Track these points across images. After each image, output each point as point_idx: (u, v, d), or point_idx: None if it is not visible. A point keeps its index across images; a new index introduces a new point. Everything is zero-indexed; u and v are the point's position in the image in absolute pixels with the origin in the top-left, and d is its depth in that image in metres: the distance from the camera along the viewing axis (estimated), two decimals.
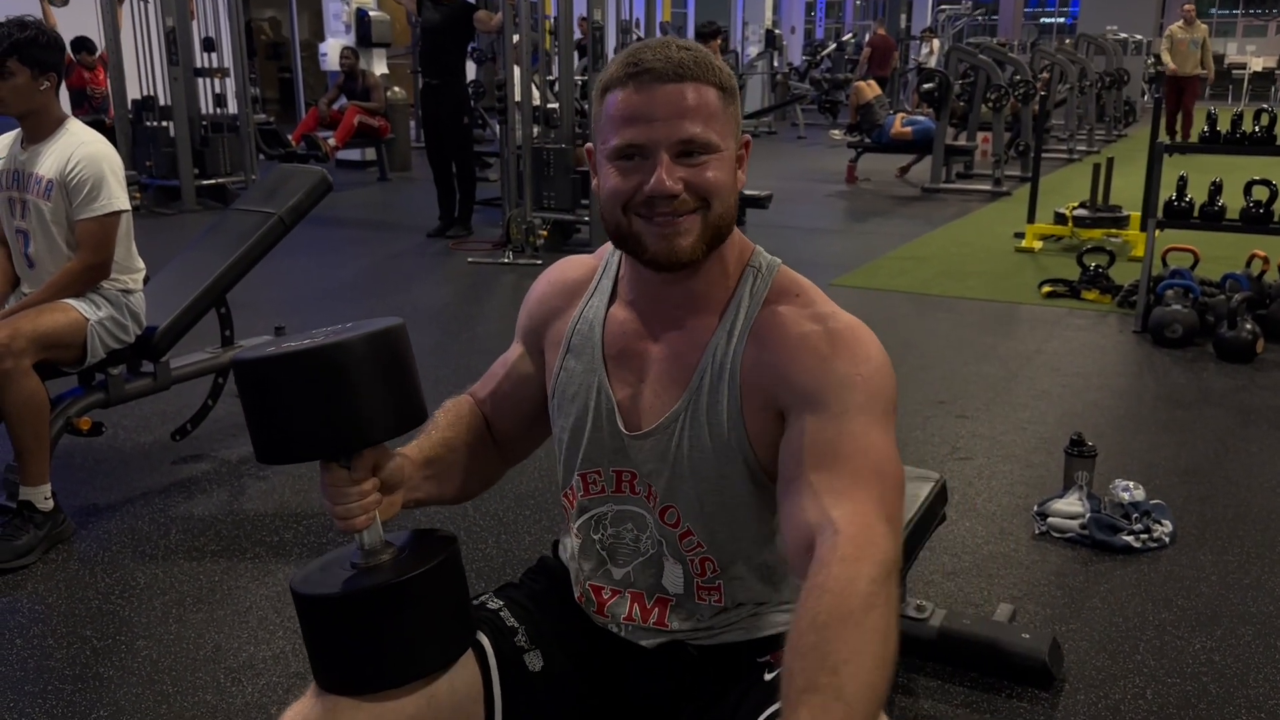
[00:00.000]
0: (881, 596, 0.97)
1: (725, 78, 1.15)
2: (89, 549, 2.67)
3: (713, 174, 1.13)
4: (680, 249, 1.14)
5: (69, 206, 2.71)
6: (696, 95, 1.12)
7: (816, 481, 1.08)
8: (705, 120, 1.12)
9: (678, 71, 1.11)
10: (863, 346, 1.15)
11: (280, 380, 1.11)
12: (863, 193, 9.68)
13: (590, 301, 1.29)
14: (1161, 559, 2.64)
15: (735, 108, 1.17)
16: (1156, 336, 4.56)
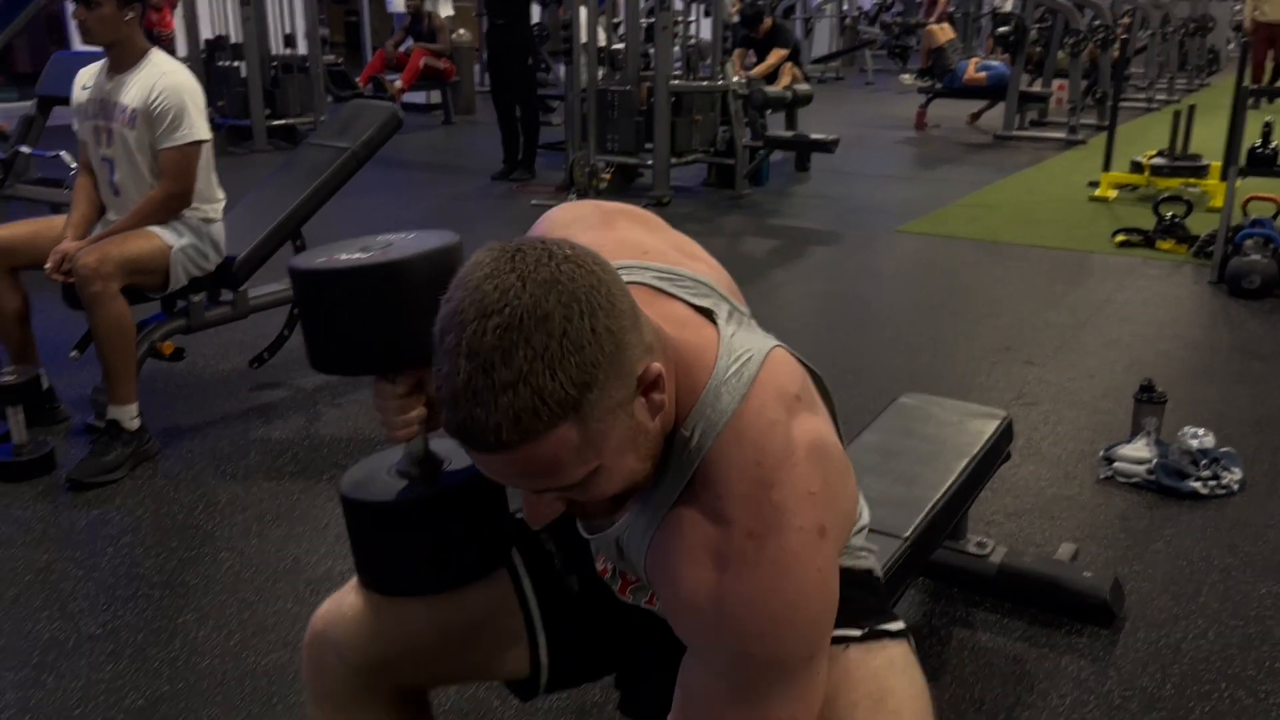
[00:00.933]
0: None
1: (567, 396, 0.81)
2: (173, 467, 2.78)
3: (597, 491, 0.90)
4: (590, 528, 1.07)
5: (152, 135, 2.79)
6: (534, 459, 0.83)
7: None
8: (557, 472, 0.86)
9: (500, 441, 0.81)
10: (780, 603, 0.89)
11: (334, 293, 1.14)
12: (932, 139, 9.50)
13: None
14: (1229, 505, 2.61)
15: (605, 403, 0.83)
16: (1233, 287, 4.45)
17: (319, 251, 1.19)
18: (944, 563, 2.22)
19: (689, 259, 1.09)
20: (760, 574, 0.89)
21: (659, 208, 6.20)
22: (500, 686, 1.88)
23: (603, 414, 0.84)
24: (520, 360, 0.80)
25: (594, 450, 0.85)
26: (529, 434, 0.81)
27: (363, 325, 1.12)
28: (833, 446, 0.98)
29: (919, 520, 1.75)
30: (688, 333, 0.97)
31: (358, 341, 1.14)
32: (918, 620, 2.13)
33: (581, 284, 0.83)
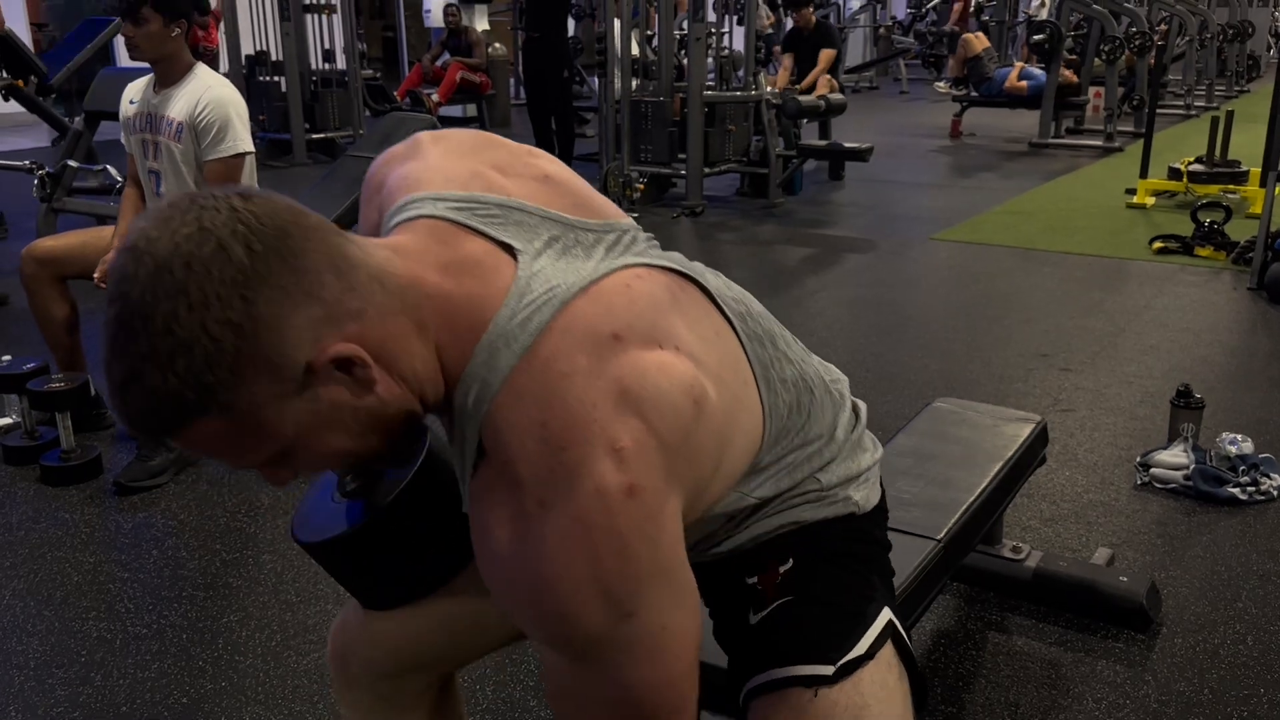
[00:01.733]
0: None
1: (192, 400, 0.75)
2: (216, 472, 2.84)
3: (310, 464, 0.86)
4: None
5: (198, 148, 2.85)
6: (193, 445, 0.80)
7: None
8: (227, 455, 0.82)
9: (145, 432, 0.81)
10: (568, 569, 0.81)
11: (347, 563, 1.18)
12: (967, 147, 9.47)
13: None
14: (1269, 511, 2.59)
15: (245, 384, 0.76)
16: (1273, 294, 4.40)
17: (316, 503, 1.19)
18: (979, 567, 2.22)
19: (511, 179, 0.96)
20: (550, 546, 0.80)
21: (693, 217, 6.23)
22: (536, 685, 1.90)
23: (250, 406, 0.77)
24: (132, 358, 0.75)
25: (259, 437, 0.79)
26: (166, 427, 0.77)
27: (405, 565, 1.17)
28: (672, 387, 0.83)
29: (952, 523, 1.75)
30: (469, 280, 0.86)
31: (409, 579, 1.18)
32: (951, 625, 2.13)
33: (209, 265, 0.74)
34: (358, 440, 0.84)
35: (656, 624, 0.85)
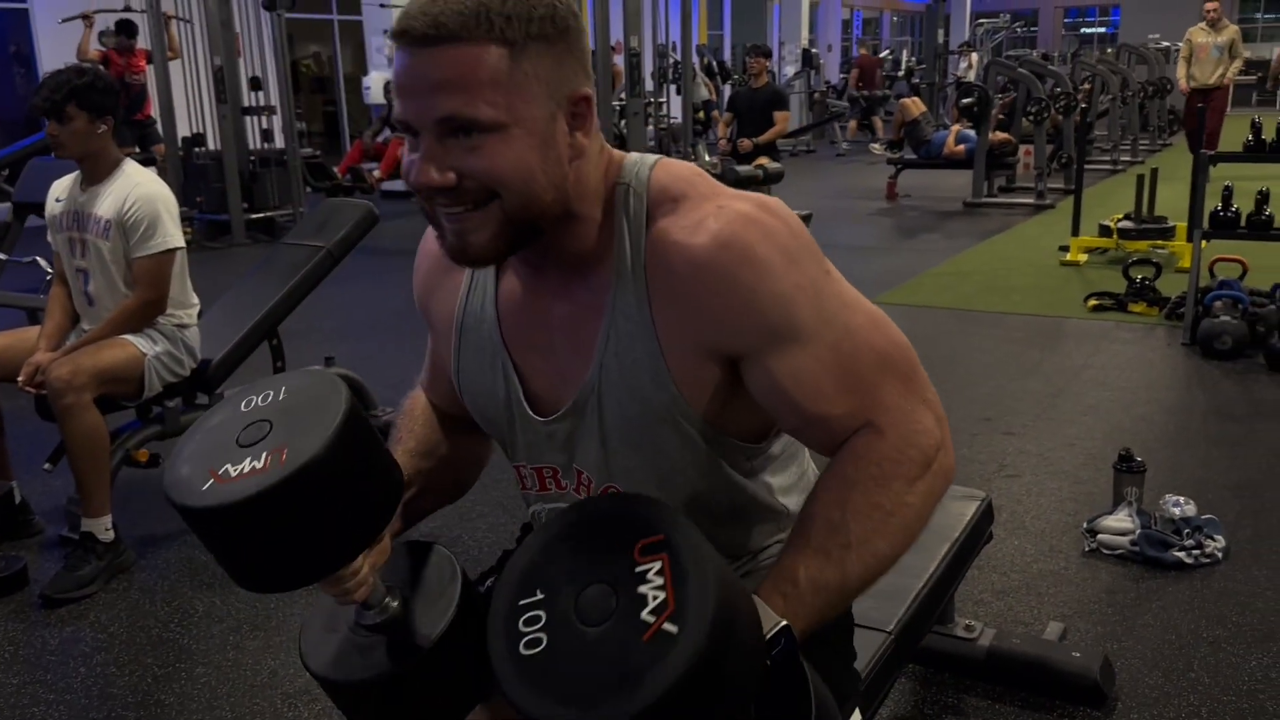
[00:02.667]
0: (915, 496, 1.01)
1: (516, 26, 0.90)
2: (149, 579, 2.74)
3: (493, 161, 0.92)
4: (471, 248, 0.97)
5: (126, 245, 2.80)
6: (459, 61, 0.89)
7: (833, 415, 1.02)
8: (472, 91, 0.89)
9: (432, 33, 0.89)
10: (772, 245, 0.98)
11: (242, 529, 0.90)
12: (904, 209, 9.65)
13: (475, 276, 1.14)
14: (1215, 575, 2.60)
15: (543, 58, 0.92)
16: (1205, 348, 4.50)
17: (190, 450, 0.94)
18: (933, 648, 2.20)
19: None
20: (744, 216, 1.00)
21: None
22: None
23: (532, 71, 0.92)
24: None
25: (507, 96, 0.91)
26: (464, 30, 0.89)
27: (286, 547, 0.93)
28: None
29: (903, 612, 1.73)
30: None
31: (290, 563, 0.94)
32: (908, 710, 2.10)
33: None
34: (544, 180, 0.95)
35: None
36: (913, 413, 1.03)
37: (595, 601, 0.85)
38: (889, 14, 27.04)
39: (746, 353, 1.01)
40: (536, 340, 1.09)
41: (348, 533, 0.94)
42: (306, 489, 0.88)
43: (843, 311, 1.03)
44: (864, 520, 0.98)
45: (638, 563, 0.85)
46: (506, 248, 0.99)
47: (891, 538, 0.99)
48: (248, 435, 0.92)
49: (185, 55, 8.26)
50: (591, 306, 1.04)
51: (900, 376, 1.04)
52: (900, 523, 1.00)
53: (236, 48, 8.31)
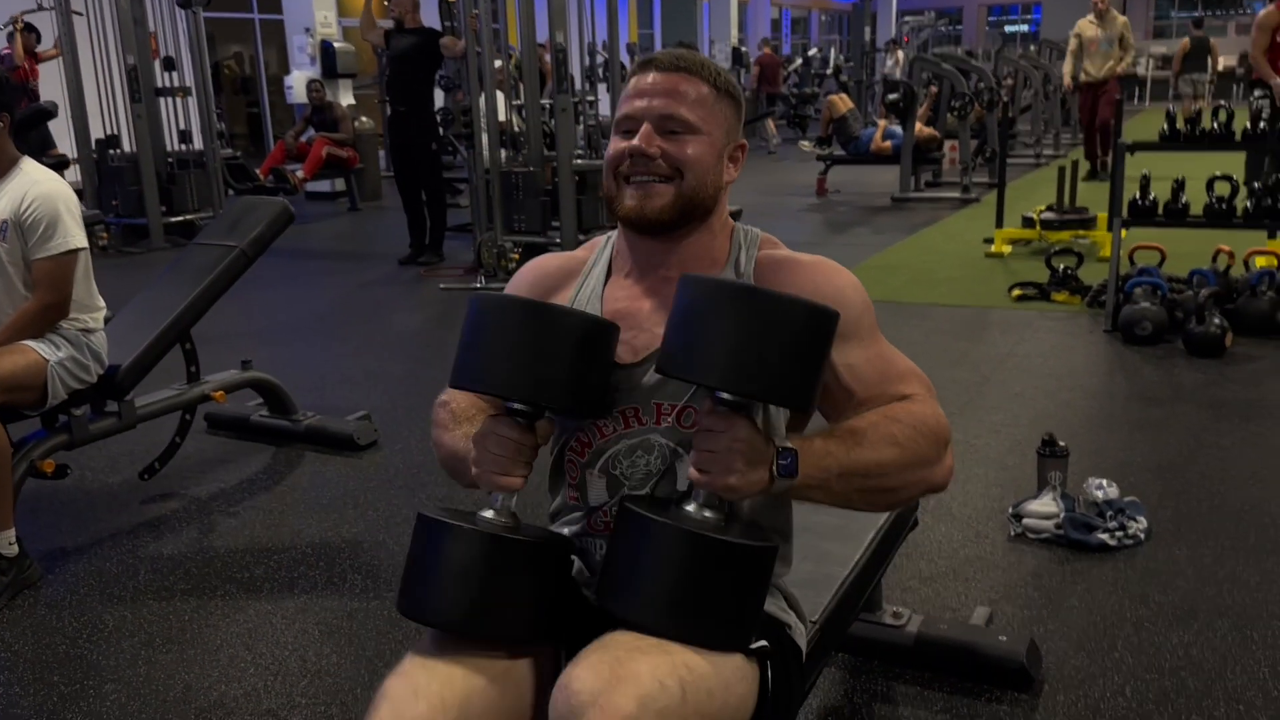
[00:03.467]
0: (921, 449, 1.26)
1: (723, 81, 1.37)
2: (56, 593, 2.63)
3: (687, 150, 1.32)
4: (650, 209, 1.33)
5: (25, 246, 2.68)
6: (687, 84, 1.33)
7: (873, 399, 1.31)
8: (690, 105, 1.33)
9: (676, 64, 1.35)
10: (851, 277, 1.38)
11: (550, 325, 1.22)
12: (834, 204, 9.73)
13: (587, 281, 1.44)
14: (1137, 556, 2.64)
15: (729, 108, 1.37)
16: (1126, 335, 4.58)
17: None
18: (861, 636, 2.19)
19: None
20: (837, 267, 1.40)
21: None
22: None
23: (721, 113, 1.36)
24: (707, 58, 1.40)
25: (705, 115, 1.34)
26: (693, 69, 1.34)
27: (563, 360, 1.22)
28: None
29: (829, 601, 1.72)
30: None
31: (547, 374, 1.22)
32: (838, 700, 2.09)
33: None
34: (710, 180, 1.35)
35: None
36: (935, 403, 1.33)
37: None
38: (817, 13, 27.31)
39: None
40: (630, 321, 1.36)
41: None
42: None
43: (884, 339, 1.39)
44: (880, 437, 1.24)
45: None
46: (674, 216, 1.33)
47: (893, 461, 1.24)
48: None
49: (97, 53, 7.99)
50: None
51: (925, 384, 1.36)
52: (903, 458, 1.25)
53: (152, 45, 8.08)
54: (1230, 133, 4.66)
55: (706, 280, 1.20)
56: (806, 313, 1.16)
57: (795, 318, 1.15)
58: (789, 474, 1.18)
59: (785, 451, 1.18)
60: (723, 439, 1.15)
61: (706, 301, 1.16)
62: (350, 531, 2.93)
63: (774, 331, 1.13)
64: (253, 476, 3.40)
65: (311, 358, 4.84)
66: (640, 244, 1.39)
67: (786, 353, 1.14)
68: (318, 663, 2.27)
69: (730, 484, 1.15)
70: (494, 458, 1.23)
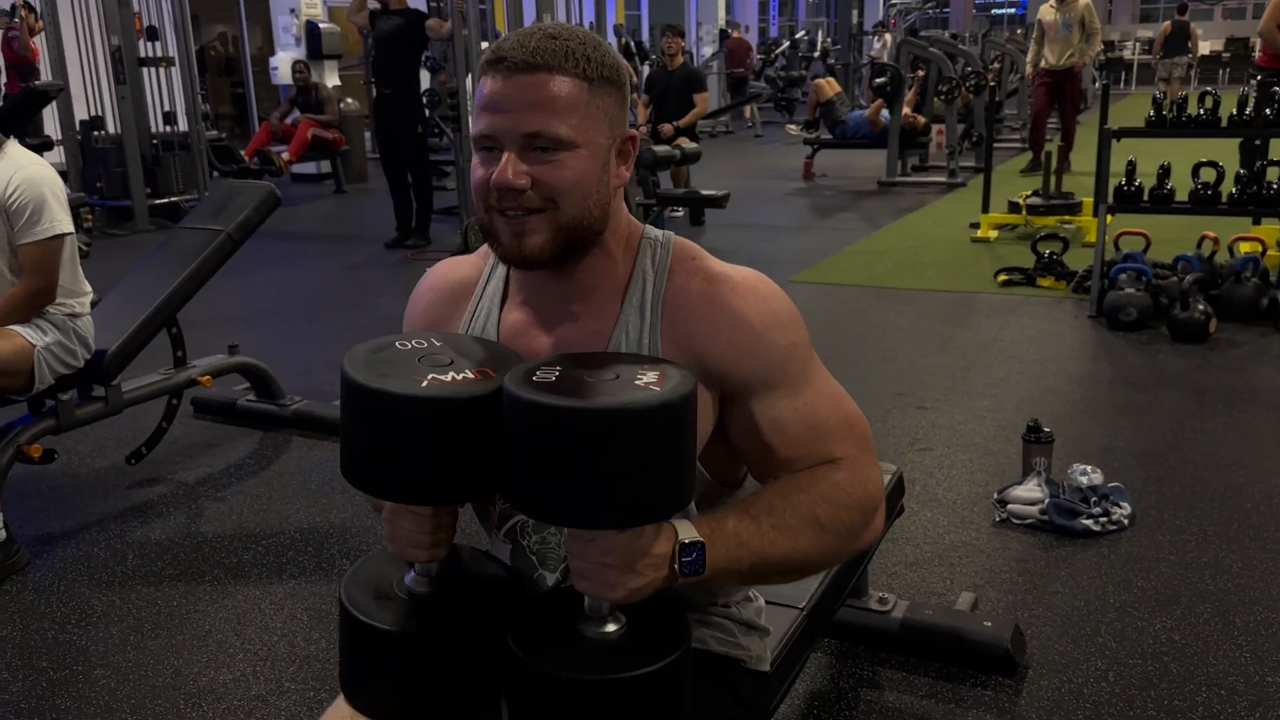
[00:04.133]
0: (846, 526, 1.13)
1: (594, 68, 1.09)
2: (44, 578, 2.63)
3: (563, 173, 1.08)
4: (527, 248, 1.11)
5: (10, 231, 2.66)
6: (550, 86, 1.07)
7: (799, 459, 1.16)
8: (557, 114, 1.07)
9: (530, 61, 1.07)
10: (780, 305, 1.18)
11: (432, 422, 1.00)
12: (821, 188, 9.73)
13: (479, 306, 1.25)
14: (1121, 541, 2.67)
15: (609, 98, 1.11)
16: (1111, 320, 4.61)
17: (372, 358, 1.07)
18: (847, 621, 2.21)
19: None
20: (752, 280, 1.18)
21: None
22: None
23: (601, 106, 1.10)
24: (574, 34, 1.11)
25: (582, 121, 1.09)
26: (555, 63, 1.07)
27: (467, 454, 1.02)
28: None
29: (815, 587, 1.73)
30: None
31: (456, 471, 1.02)
32: (824, 685, 2.11)
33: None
34: (594, 202, 1.11)
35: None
36: (868, 467, 1.18)
37: (600, 374, 1.02)
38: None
39: (738, 391, 1.15)
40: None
41: (491, 468, 1.03)
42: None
43: (819, 378, 1.20)
44: (800, 518, 1.10)
45: (640, 370, 1.02)
46: (557, 250, 1.12)
47: (815, 547, 1.11)
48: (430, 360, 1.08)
49: (81, 34, 7.91)
50: (596, 332, 1.17)
51: (859, 439, 1.19)
52: (825, 539, 1.12)
53: (137, 26, 8.00)
54: (1217, 118, 4.68)
55: (520, 400, 0.97)
56: (633, 421, 0.95)
57: (625, 431, 0.95)
58: (694, 571, 1.03)
59: (689, 548, 1.02)
60: (591, 552, 0.99)
61: (524, 429, 0.98)
62: (338, 517, 2.93)
63: (600, 454, 0.94)
64: (240, 461, 3.40)
65: (297, 342, 4.83)
66: (527, 275, 1.19)
67: (622, 473, 0.95)
68: (306, 648, 2.28)
69: (611, 597, 1.01)
70: (407, 535, 1.08)
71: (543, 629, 1.07)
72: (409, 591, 1.10)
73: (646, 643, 1.04)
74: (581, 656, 1.03)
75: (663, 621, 1.07)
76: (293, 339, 4.89)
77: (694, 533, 1.04)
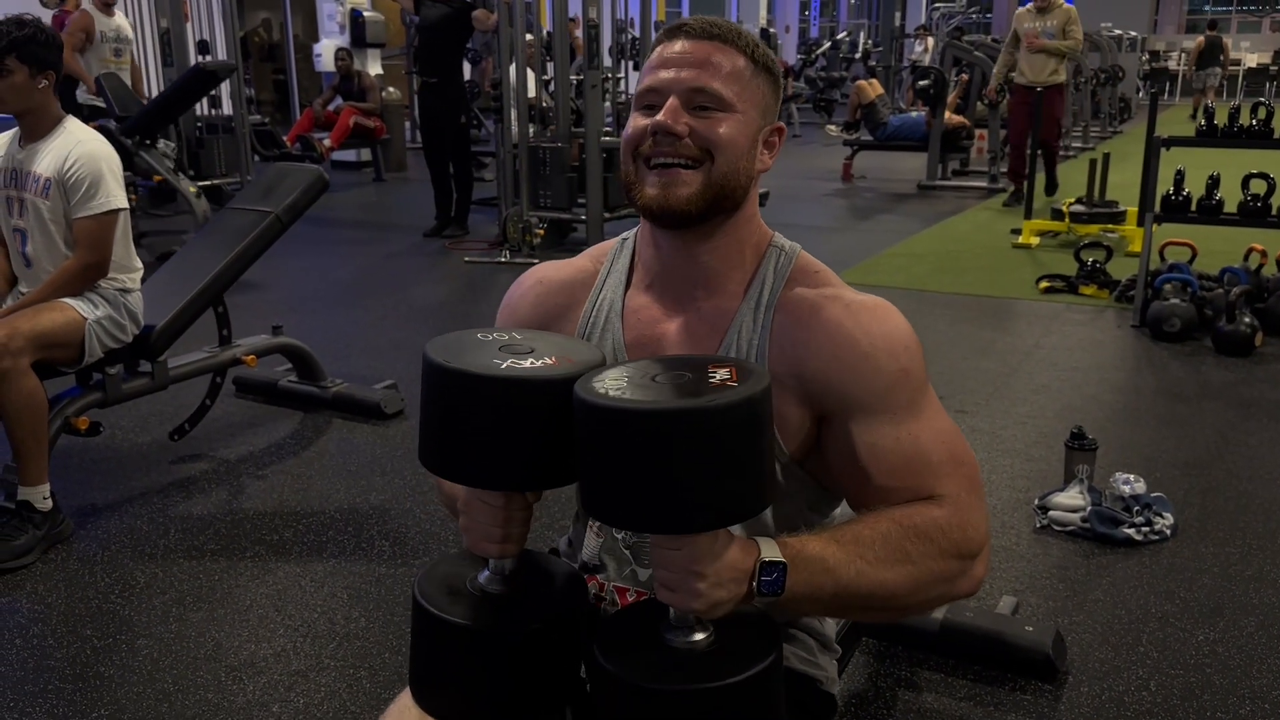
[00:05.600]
0: (940, 570, 1.09)
1: (761, 54, 1.18)
2: (88, 549, 2.66)
3: (719, 130, 1.13)
4: (675, 198, 1.14)
5: (67, 205, 2.70)
6: (721, 54, 1.15)
7: (896, 489, 1.11)
8: (724, 78, 1.14)
9: (709, 31, 1.16)
10: (895, 330, 1.15)
11: (525, 405, 1.01)
12: (859, 190, 9.68)
13: (604, 291, 1.27)
14: (1163, 551, 2.64)
15: (766, 85, 1.18)
16: (1155, 331, 4.56)
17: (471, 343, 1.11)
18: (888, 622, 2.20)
19: None
20: (873, 304, 1.16)
21: None
22: None
23: (757, 90, 1.17)
24: (745, 29, 1.21)
25: (741, 90, 1.15)
26: (726, 37, 1.16)
27: (548, 441, 1.01)
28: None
29: None
30: None
31: (543, 459, 1.02)
32: (862, 684, 2.10)
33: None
34: (742, 168, 1.16)
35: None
36: (973, 509, 1.12)
37: (670, 376, 1.00)
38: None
39: (837, 410, 1.13)
40: (654, 348, 1.21)
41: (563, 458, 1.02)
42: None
43: (931, 411, 1.15)
44: (891, 551, 1.06)
45: (710, 370, 1.00)
46: (704, 205, 1.14)
47: (903, 583, 1.07)
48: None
49: (132, 17, 8.01)
50: (713, 325, 1.19)
51: (966, 479, 1.14)
52: (916, 578, 1.07)
53: (184, 10, 8.08)
54: (1269, 129, 4.61)
55: (589, 405, 0.95)
56: (710, 420, 0.93)
57: (701, 431, 0.92)
58: (773, 592, 1.01)
59: (771, 566, 1.00)
60: (676, 559, 0.97)
61: (596, 434, 0.96)
62: (378, 499, 2.95)
63: (676, 456, 0.92)
64: (281, 441, 3.43)
65: (336, 326, 4.86)
66: (663, 241, 1.20)
67: (698, 475, 0.93)
68: (346, 626, 2.30)
69: (694, 608, 0.99)
70: (480, 527, 1.08)
71: (628, 638, 1.05)
72: (483, 590, 1.09)
73: (736, 651, 1.01)
74: (671, 666, 1.00)
75: (751, 629, 1.04)
76: (331, 323, 4.92)
77: (777, 552, 1.01)
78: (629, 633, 1.06)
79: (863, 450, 1.12)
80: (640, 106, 1.17)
